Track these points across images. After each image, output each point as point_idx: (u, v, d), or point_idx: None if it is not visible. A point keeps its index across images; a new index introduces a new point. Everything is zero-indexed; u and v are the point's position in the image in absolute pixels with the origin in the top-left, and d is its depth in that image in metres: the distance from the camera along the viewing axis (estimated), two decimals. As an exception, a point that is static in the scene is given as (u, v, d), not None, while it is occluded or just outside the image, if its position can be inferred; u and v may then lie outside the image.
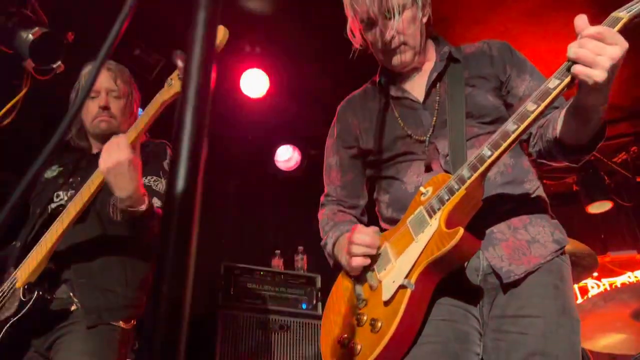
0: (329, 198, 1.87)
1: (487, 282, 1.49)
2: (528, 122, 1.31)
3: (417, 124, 1.66)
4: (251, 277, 3.93)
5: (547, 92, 1.30)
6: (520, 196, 1.55)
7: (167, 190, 0.45)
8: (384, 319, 1.42)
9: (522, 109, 1.33)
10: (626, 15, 1.26)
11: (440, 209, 1.42)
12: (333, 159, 1.87)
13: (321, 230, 1.82)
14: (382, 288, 1.47)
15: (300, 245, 4.45)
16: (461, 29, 3.94)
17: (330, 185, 1.86)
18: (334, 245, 1.70)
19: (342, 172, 1.84)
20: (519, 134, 1.32)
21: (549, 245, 1.51)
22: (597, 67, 1.21)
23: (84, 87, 2.16)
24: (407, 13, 1.62)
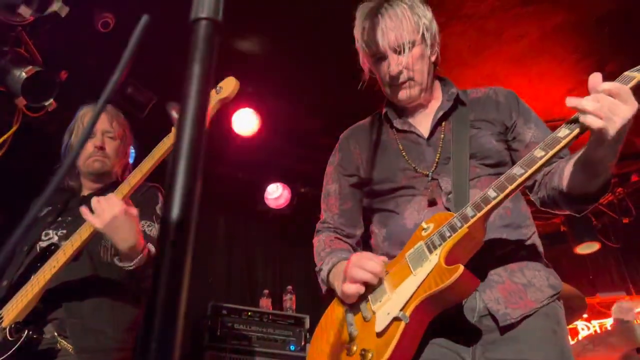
0: (325, 225, 1.85)
1: (483, 323, 1.48)
2: (535, 168, 1.33)
3: (420, 159, 1.67)
4: (239, 318, 3.86)
5: (556, 140, 1.33)
6: (517, 240, 1.56)
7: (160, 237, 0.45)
8: (375, 351, 1.39)
9: (530, 155, 1.36)
10: (639, 76, 1.30)
11: (440, 245, 1.42)
12: (332, 186, 1.86)
13: (316, 256, 1.79)
14: (376, 319, 1.45)
15: (289, 285, 4.41)
16: (449, 70, 4.02)
17: (328, 212, 1.85)
18: (329, 271, 1.68)
19: (341, 200, 1.83)
20: (525, 179, 1.34)
21: (545, 290, 1.51)
22: (609, 122, 1.24)
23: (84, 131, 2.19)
24: (416, 50, 1.65)
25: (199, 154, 0.44)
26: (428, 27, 1.67)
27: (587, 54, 3.96)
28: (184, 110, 0.44)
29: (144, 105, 3.79)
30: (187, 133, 0.43)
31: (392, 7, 1.64)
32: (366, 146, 1.80)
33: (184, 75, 0.50)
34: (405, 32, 1.62)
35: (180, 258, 0.44)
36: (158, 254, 0.44)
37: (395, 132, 1.75)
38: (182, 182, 0.42)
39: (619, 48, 3.82)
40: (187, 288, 0.44)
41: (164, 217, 0.45)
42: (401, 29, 1.62)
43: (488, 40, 3.86)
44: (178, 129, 0.45)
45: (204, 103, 0.45)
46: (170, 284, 0.44)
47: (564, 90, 4.29)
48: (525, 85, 4.24)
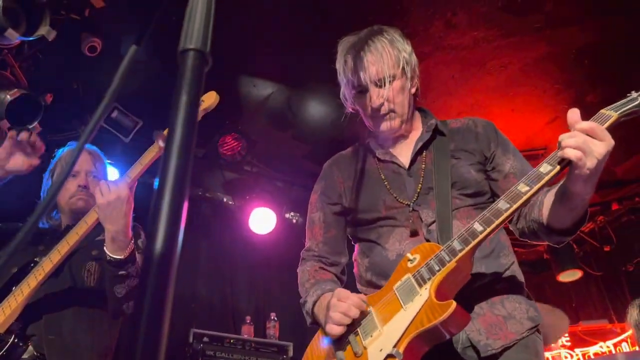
0: (309, 253, 1.85)
1: (466, 354, 1.48)
2: (520, 203, 1.37)
3: (401, 189, 1.70)
4: (220, 345, 3.80)
5: (539, 176, 1.37)
6: (497, 272, 1.57)
7: (143, 268, 0.45)
8: None
9: (514, 189, 1.39)
10: (615, 115, 1.36)
11: (430, 279, 1.42)
12: (317, 214, 1.87)
13: (300, 287, 1.78)
14: (368, 356, 1.44)
15: (273, 312, 4.36)
16: (433, 99, 4.10)
17: (313, 240, 1.85)
18: (314, 303, 1.67)
19: (325, 228, 1.84)
20: (510, 213, 1.37)
21: (524, 322, 1.52)
22: (587, 156, 1.29)
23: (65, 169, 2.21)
24: (396, 83, 1.69)
25: (185, 184, 0.44)
26: (408, 60, 1.72)
27: (568, 85, 4.06)
28: (171, 139, 0.44)
29: (129, 130, 3.79)
30: (174, 163, 0.43)
31: (373, 42, 1.69)
32: (349, 175, 1.83)
33: (171, 104, 0.50)
34: (386, 67, 1.66)
35: (162, 291, 0.44)
36: (141, 285, 0.44)
37: (377, 162, 1.78)
38: (167, 212, 0.42)
39: (598, 79, 3.93)
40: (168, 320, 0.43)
41: (148, 247, 0.45)
42: (382, 63, 1.66)
43: (472, 71, 3.95)
44: (164, 158, 0.45)
45: (191, 132, 0.45)
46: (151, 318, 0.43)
47: (545, 120, 4.38)
48: (507, 115, 4.32)
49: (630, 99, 1.39)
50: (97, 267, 2.07)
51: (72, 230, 1.95)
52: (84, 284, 2.03)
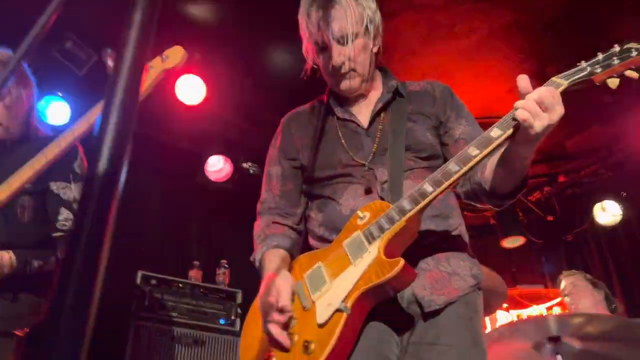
0: (265, 206, 1.85)
1: (410, 309, 1.53)
2: (470, 165, 1.40)
3: (358, 148, 1.70)
4: (169, 289, 3.80)
5: (490, 140, 1.40)
6: (445, 231, 1.62)
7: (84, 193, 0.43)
8: (317, 342, 1.41)
9: (465, 152, 1.42)
10: (565, 83, 1.39)
11: (379, 237, 1.45)
12: (274, 168, 1.86)
13: (254, 242, 1.79)
14: (317, 310, 1.46)
15: (224, 259, 4.37)
16: (398, 59, 4.08)
17: (269, 193, 1.85)
18: (260, 261, 1.69)
19: (283, 182, 1.83)
20: (461, 175, 1.41)
21: (467, 279, 1.58)
22: (536, 118, 1.32)
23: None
24: (359, 41, 1.67)
25: (134, 104, 0.42)
26: (372, 18, 1.69)
27: (530, 55, 4.12)
28: (121, 57, 0.41)
29: (83, 62, 3.62)
30: (123, 81, 0.40)
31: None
32: (307, 132, 1.82)
33: (124, 24, 0.47)
34: (349, 24, 1.64)
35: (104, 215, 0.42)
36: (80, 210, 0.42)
37: (335, 120, 1.78)
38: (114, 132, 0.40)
39: (560, 52, 3.99)
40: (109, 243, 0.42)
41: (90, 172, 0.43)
42: (345, 20, 1.64)
43: (439, 33, 3.93)
44: (113, 77, 0.43)
45: (143, 53, 0.43)
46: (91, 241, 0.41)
47: (506, 89, 4.45)
48: (469, 80, 4.36)
49: (580, 69, 1.42)
50: (31, 202, 1.99)
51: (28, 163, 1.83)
52: (17, 219, 1.95)
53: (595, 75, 1.39)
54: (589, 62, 1.42)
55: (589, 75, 1.39)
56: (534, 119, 1.32)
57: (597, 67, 1.40)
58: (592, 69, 1.39)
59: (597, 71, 1.39)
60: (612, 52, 1.41)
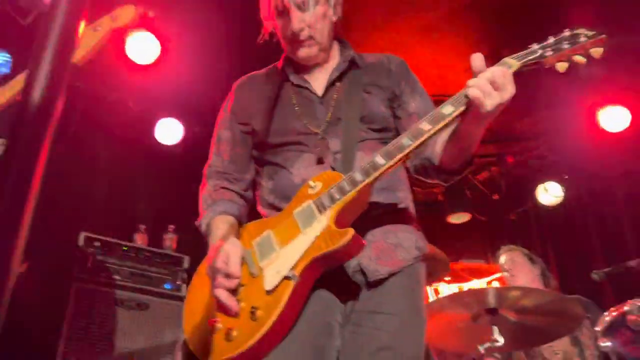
0: (213, 169, 1.80)
1: (355, 278, 1.56)
2: (421, 140, 1.42)
3: (311, 116, 1.69)
4: (112, 251, 3.71)
5: (442, 116, 1.42)
6: (393, 204, 1.65)
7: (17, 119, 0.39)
8: (264, 309, 1.41)
9: (418, 127, 1.43)
10: (517, 64, 1.41)
11: (330, 207, 1.45)
12: (224, 132, 1.82)
13: (200, 206, 1.76)
14: (264, 277, 1.46)
15: (172, 224, 4.29)
16: (360, 32, 4.04)
17: (218, 157, 1.81)
18: (207, 226, 1.66)
19: (232, 146, 1.80)
20: (412, 149, 1.43)
21: (411, 251, 1.61)
22: (487, 97, 1.35)
23: None
24: (319, 9, 1.66)
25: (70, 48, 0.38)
26: None
27: (487, 37, 4.17)
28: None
29: (28, 10, 3.41)
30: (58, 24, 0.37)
31: None
32: (260, 97, 1.79)
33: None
34: None
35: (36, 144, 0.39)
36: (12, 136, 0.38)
37: (290, 86, 1.76)
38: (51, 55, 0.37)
39: (517, 34, 4.06)
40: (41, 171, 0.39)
41: (24, 98, 0.40)
42: None
43: (402, 8, 3.92)
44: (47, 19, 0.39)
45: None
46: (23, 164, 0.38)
47: (463, 68, 4.50)
48: (428, 57, 4.38)
49: (531, 51, 1.45)
50: None
51: None
52: None
53: (546, 58, 1.42)
54: (540, 45, 1.45)
55: (539, 57, 1.42)
56: (486, 98, 1.34)
57: (548, 50, 1.43)
58: (543, 51, 1.42)
59: (547, 54, 1.42)
60: (562, 37, 1.44)
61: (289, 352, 1.43)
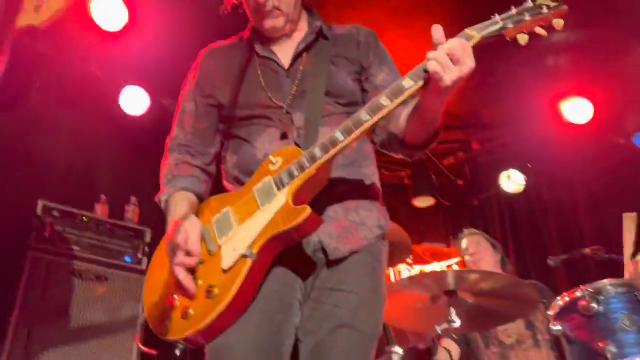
0: (176, 142, 1.76)
1: (316, 256, 1.55)
2: (380, 116, 1.40)
3: (277, 89, 1.65)
4: (72, 222, 3.62)
5: (401, 90, 1.40)
6: (357, 180, 1.63)
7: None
8: (221, 287, 1.40)
9: (377, 102, 1.41)
10: (478, 36, 1.39)
11: (289, 184, 1.44)
12: (188, 104, 1.77)
13: (161, 183, 1.71)
14: (222, 254, 1.45)
15: (135, 196, 4.21)
16: (333, 8, 4.00)
17: (181, 130, 1.76)
18: (166, 202, 1.63)
19: (196, 119, 1.75)
20: (371, 125, 1.41)
21: (374, 230, 1.61)
22: (447, 71, 1.32)
23: None
24: None
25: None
26: None
27: (461, 21, 4.16)
28: None
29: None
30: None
31: None
32: (226, 68, 1.74)
33: None
34: None
35: None
36: None
37: (256, 58, 1.71)
38: None
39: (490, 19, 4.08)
40: None
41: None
42: None
43: (378, -13, 3.89)
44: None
45: None
46: None
47: (434, 52, 4.51)
48: (401, 39, 4.36)
49: (493, 22, 1.43)
50: None
51: None
52: None
53: (507, 30, 1.40)
54: (502, 16, 1.42)
55: (501, 29, 1.40)
56: (445, 72, 1.32)
57: (509, 21, 1.41)
58: (505, 23, 1.40)
59: (509, 26, 1.40)
60: (525, 7, 1.42)
61: (246, 329, 1.43)
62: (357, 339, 1.49)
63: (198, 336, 1.41)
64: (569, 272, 4.79)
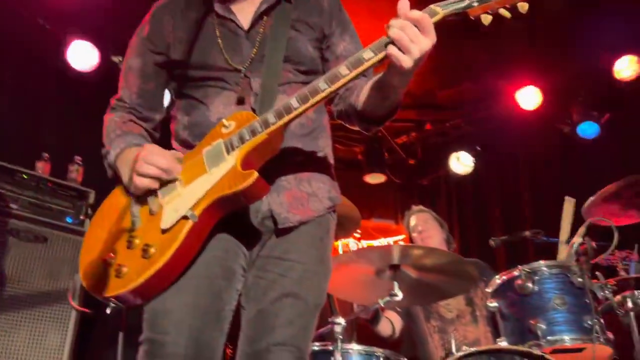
0: (121, 103, 1.69)
1: (264, 224, 1.54)
2: (338, 85, 1.39)
3: (235, 51, 1.59)
4: (11, 178, 3.44)
5: (360, 61, 1.38)
6: (312, 151, 1.62)
7: None
8: (158, 247, 1.38)
9: (335, 71, 1.39)
10: (442, 12, 1.37)
11: (238, 148, 1.42)
12: (135, 60, 1.68)
13: (105, 137, 1.64)
14: (163, 215, 1.42)
15: (79, 155, 4.04)
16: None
17: (126, 90, 1.68)
18: (117, 156, 1.56)
19: (143, 79, 1.68)
20: (328, 94, 1.39)
21: (324, 202, 1.61)
22: (408, 54, 1.30)
23: None
24: None
25: None
26: None
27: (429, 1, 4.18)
28: None
29: None
30: None
31: None
32: (181, 24, 1.65)
33: None
34: None
35: None
36: None
37: (215, 17, 1.63)
38: None
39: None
40: None
41: None
42: None
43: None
44: None
45: None
46: None
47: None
48: (367, 17, 4.32)
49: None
50: None
51: None
52: None
53: (472, 8, 1.38)
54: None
55: (466, 7, 1.38)
56: (405, 54, 1.30)
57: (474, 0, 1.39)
58: (470, 1, 1.38)
59: (474, 4, 1.38)
60: None
61: (184, 293, 1.41)
62: (300, 308, 1.50)
63: (131, 295, 1.39)
64: (508, 253, 5.01)
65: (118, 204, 1.55)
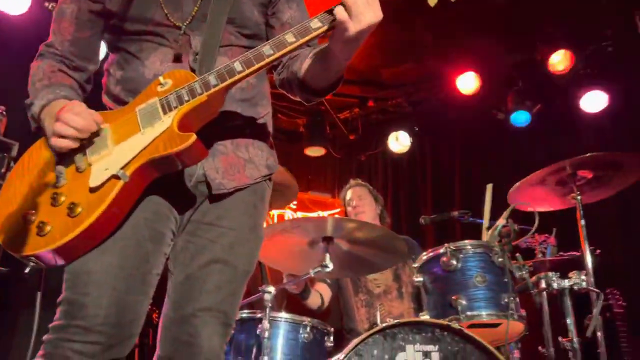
0: (51, 50, 1.58)
1: (197, 189, 1.51)
2: (283, 52, 1.36)
3: (176, 7, 1.52)
4: None
5: (307, 30, 1.36)
6: (251, 117, 1.59)
7: None
8: (85, 206, 1.31)
9: (282, 37, 1.36)
10: None
11: (176, 108, 1.36)
12: (70, 6, 1.58)
13: (30, 85, 1.53)
14: (91, 173, 1.36)
15: (3, 105, 3.79)
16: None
17: (58, 36, 1.58)
18: (42, 107, 1.45)
19: (77, 26, 1.58)
20: (272, 60, 1.37)
21: (261, 169, 1.59)
22: (355, 19, 1.29)
23: None
24: None
25: None
26: None
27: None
28: None
29: None
30: None
31: None
32: None
33: None
34: None
35: None
36: None
37: None
38: None
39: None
40: None
41: None
42: None
43: None
44: None
45: None
46: None
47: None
48: None
49: None
50: None
51: None
52: None
53: None
54: None
55: None
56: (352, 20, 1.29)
57: None
58: None
59: None
60: None
61: (108, 255, 1.37)
62: (229, 274, 1.49)
63: (52, 255, 1.32)
64: (437, 231, 5.20)
65: (41, 157, 1.46)
